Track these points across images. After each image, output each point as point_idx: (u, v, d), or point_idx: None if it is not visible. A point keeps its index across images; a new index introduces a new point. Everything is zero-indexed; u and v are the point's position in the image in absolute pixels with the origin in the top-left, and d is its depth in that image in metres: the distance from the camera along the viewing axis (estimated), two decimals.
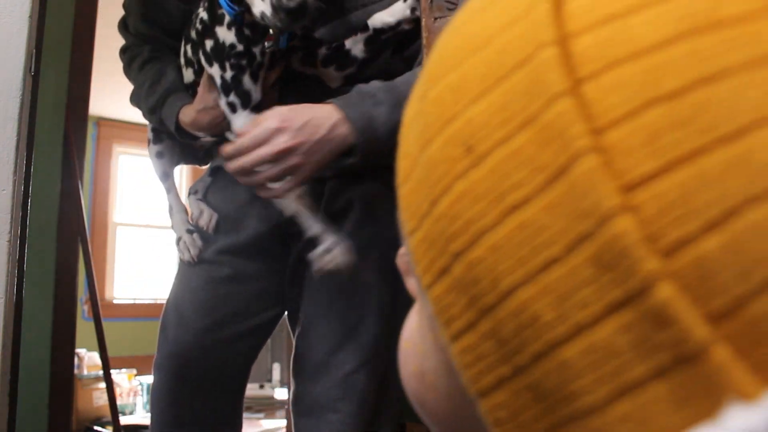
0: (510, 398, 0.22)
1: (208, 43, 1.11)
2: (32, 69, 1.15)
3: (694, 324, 0.18)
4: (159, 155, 1.33)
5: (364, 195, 1.16)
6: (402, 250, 0.32)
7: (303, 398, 1.17)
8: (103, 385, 2.55)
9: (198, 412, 1.19)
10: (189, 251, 1.23)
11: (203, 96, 1.14)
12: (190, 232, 1.24)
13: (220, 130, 1.14)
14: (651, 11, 0.20)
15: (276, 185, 0.99)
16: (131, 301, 4.48)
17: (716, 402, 0.18)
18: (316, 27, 1.10)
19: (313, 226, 1.06)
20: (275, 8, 0.95)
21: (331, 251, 1.04)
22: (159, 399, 1.20)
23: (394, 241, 0.31)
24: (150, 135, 1.33)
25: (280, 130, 0.96)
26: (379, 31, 1.08)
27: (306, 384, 1.17)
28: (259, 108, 1.10)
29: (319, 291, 1.15)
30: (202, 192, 1.29)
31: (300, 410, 1.18)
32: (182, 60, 1.23)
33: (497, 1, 0.25)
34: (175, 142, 1.29)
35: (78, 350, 2.68)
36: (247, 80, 1.09)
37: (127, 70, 1.31)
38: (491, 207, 0.22)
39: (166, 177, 1.34)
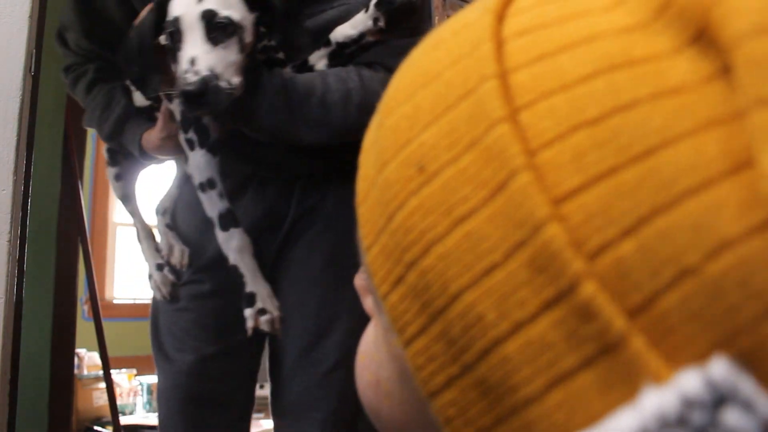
0: (458, 396, 0.24)
1: None
2: (32, 69, 1.15)
3: (614, 317, 0.21)
4: (117, 177, 1.27)
5: (334, 193, 1.14)
6: (358, 277, 0.35)
7: (281, 398, 1.15)
8: (103, 385, 2.55)
9: (214, 430, 1.18)
10: (161, 290, 1.19)
11: (166, 124, 1.11)
12: (160, 268, 1.20)
13: None
14: (576, 51, 0.24)
15: None
16: (131, 301, 4.48)
17: (635, 386, 0.20)
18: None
19: (250, 283, 1.06)
20: (178, 90, 0.90)
21: (266, 314, 1.05)
22: (173, 425, 1.17)
23: None
24: (106, 156, 1.27)
25: None
26: (342, 45, 1.04)
27: (283, 384, 1.15)
28: (217, 146, 1.07)
29: (292, 289, 1.13)
30: (170, 212, 1.24)
31: (278, 411, 1.16)
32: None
33: (446, 41, 0.28)
34: (131, 157, 1.24)
35: (78, 350, 2.68)
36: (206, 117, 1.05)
37: (73, 91, 1.26)
38: (441, 219, 0.24)
39: (128, 199, 1.28)
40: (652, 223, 0.21)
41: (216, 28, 0.92)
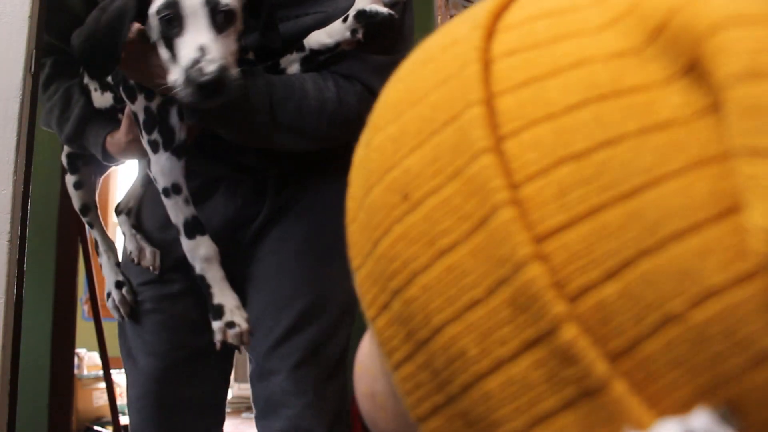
0: (444, 424, 0.24)
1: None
2: (32, 69, 1.15)
3: (595, 361, 0.21)
4: (77, 186, 1.21)
5: (307, 188, 1.12)
6: None
7: (257, 401, 1.12)
8: (103, 385, 2.55)
9: None
10: (120, 309, 1.13)
11: (131, 127, 1.06)
12: (119, 285, 1.14)
13: None
14: (564, 77, 0.23)
15: None
16: None
17: (615, 429, 0.20)
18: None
19: (217, 294, 1.00)
20: (187, 80, 0.84)
21: (235, 327, 0.99)
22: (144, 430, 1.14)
23: (336, 230, 0.31)
24: (65, 162, 1.21)
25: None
26: (316, 52, 1.01)
27: (257, 385, 1.12)
28: (183, 149, 1.02)
29: (265, 284, 1.10)
30: (135, 210, 1.19)
31: (257, 414, 1.12)
32: (94, 82, 1.11)
33: (434, 58, 0.28)
34: (92, 163, 1.20)
35: (78, 350, 2.68)
36: (173, 113, 1.01)
37: None
38: (424, 250, 0.24)
39: (87, 210, 1.22)
40: (636, 266, 0.20)
41: (219, 15, 0.88)
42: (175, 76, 0.87)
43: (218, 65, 0.84)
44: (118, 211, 1.19)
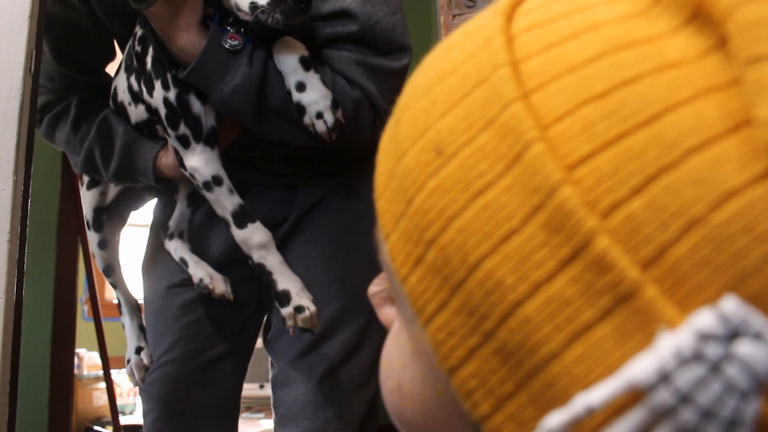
0: (479, 366, 0.25)
1: (149, 62, 0.96)
2: (32, 69, 1.15)
3: (628, 268, 0.22)
4: (101, 245, 1.16)
5: (335, 191, 1.10)
6: (372, 287, 0.36)
7: (278, 407, 1.10)
8: (103, 385, 2.55)
9: None
10: (135, 375, 1.10)
11: None
12: (138, 351, 1.11)
13: None
14: (581, 38, 0.26)
15: None
16: None
17: (650, 334, 0.22)
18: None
19: (280, 281, 0.95)
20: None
21: (304, 311, 0.95)
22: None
23: (367, 233, 0.31)
24: (90, 217, 1.15)
25: None
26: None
27: (279, 390, 1.10)
28: (214, 139, 0.97)
29: None
30: (186, 232, 1.14)
31: (277, 419, 1.11)
32: (127, 96, 1.05)
33: (459, 43, 0.30)
34: (114, 218, 1.16)
35: (78, 350, 2.68)
36: (194, 100, 0.95)
37: (51, 135, 1.13)
38: (460, 195, 0.25)
39: (111, 271, 1.17)
40: (659, 180, 0.22)
41: None
42: None
43: None
44: (169, 236, 1.14)
